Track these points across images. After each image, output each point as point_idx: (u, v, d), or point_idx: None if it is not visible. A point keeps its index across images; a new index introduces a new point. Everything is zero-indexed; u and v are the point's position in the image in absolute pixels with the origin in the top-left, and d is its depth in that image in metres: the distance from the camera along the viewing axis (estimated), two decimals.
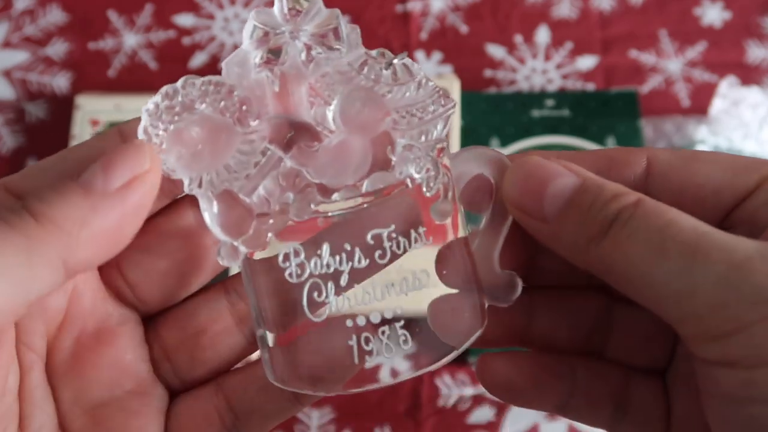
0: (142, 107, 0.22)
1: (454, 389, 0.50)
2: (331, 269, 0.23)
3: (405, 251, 0.23)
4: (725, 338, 0.19)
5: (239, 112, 0.22)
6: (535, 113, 0.55)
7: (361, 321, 0.23)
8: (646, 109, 0.57)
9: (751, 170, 0.22)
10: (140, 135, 0.22)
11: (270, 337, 0.23)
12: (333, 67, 0.23)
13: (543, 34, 0.61)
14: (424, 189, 0.23)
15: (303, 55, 0.23)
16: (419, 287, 0.23)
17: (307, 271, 0.22)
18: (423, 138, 0.23)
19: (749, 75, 0.59)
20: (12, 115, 0.59)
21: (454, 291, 0.24)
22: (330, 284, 0.23)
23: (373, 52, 0.23)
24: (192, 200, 0.24)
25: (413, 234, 0.23)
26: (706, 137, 0.53)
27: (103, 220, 0.20)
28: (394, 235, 0.23)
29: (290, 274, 0.22)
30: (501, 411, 0.49)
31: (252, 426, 0.25)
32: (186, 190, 0.22)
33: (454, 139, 0.53)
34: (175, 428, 0.24)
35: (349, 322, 0.23)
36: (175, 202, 0.24)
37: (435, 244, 0.24)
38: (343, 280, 0.23)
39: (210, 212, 0.22)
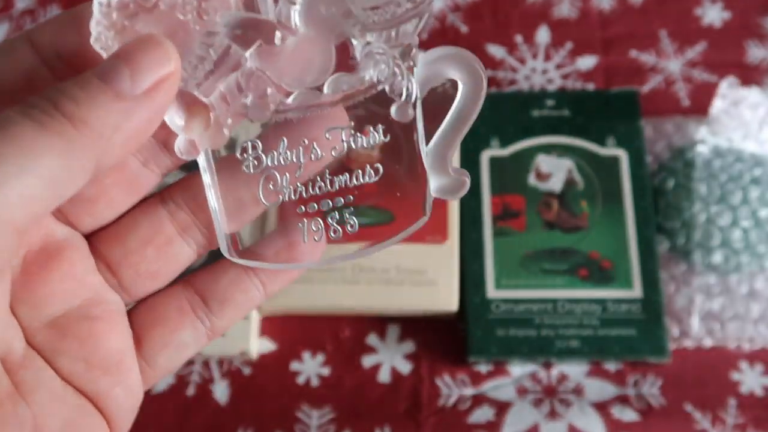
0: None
1: (454, 389, 0.50)
2: (287, 162, 0.24)
3: (362, 147, 0.24)
4: None
5: (199, 8, 0.22)
6: (535, 113, 0.55)
7: (312, 208, 0.25)
8: (646, 109, 0.57)
9: None
10: (92, 32, 0.22)
11: (226, 222, 0.25)
12: None
13: (543, 34, 0.61)
14: (388, 91, 0.24)
15: None
16: (371, 180, 0.25)
17: (264, 163, 0.24)
18: (392, 37, 0.23)
19: (749, 75, 0.59)
20: None
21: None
22: (286, 175, 0.24)
23: None
24: None
25: (371, 131, 0.24)
26: (706, 137, 0.53)
27: (133, 123, 0.21)
28: (351, 132, 0.24)
29: (247, 166, 0.24)
30: (501, 411, 0.49)
31: (224, 315, 0.26)
32: None
33: None
34: (144, 324, 0.25)
35: (300, 208, 0.25)
36: None
37: (392, 142, 0.25)
38: (299, 172, 0.24)
39: (169, 114, 0.23)
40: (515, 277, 0.51)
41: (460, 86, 0.25)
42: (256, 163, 0.24)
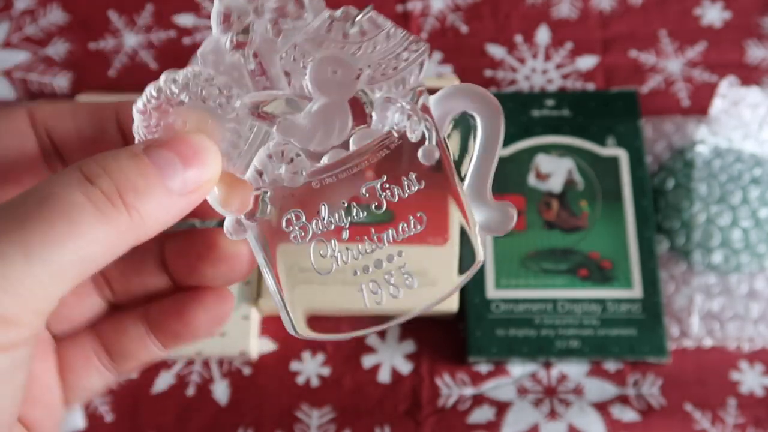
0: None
1: (454, 389, 0.50)
2: (332, 226, 0.25)
3: (400, 198, 0.25)
4: None
5: (221, 97, 0.24)
6: (535, 113, 0.55)
7: (366, 269, 0.25)
8: (646, 109, 0.57)
9: None
10: (135, 135, 0.24)
11: (285, 298, 0.26)
12: (301, 36, 0.24)
13: (543, 34, 0.61)
14: (409, 135, 0.25)
15: (270, 30, 0.24)
16: (417, 230, 0.25)
17: (310, 232, 0.25)
18: (400, 87, 0.25)
19: (749, 75, 0.59)
20: None
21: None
22: (333, 240, 0.25)
23: (337, 12, 0.25)
24: None
25: (405, 181, 0.25)
26: (705, 137, 0.53)
27: (171, 215, 0.23)
28: (387, 185, 0.25)
29: (294, 237, 0.25)
30: (501, 411, 0.49)
31: (126, 367, 0.27)
32: None
33: None
34: (62, 368, 0.27)
35: (355, 272, 0.25)
36: None
37: (428, 187, 0.26)
38: (345, 235, 0.25)
39: (211, 194, 0.24)
40: (515, 277, 0.51)
41: (478, 119, 0.26)
42: (302, 233, 0.25)
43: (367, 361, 0.51)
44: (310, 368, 0.51)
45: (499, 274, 0.51)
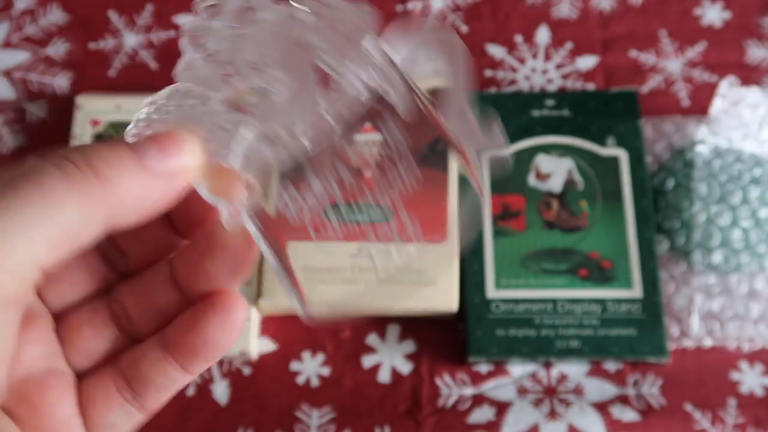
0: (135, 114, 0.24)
1: (454, 389, 0.50)
2: (323, 194, 0.25)
3: (387, 155, 0.25)
4: None
5: (198, 103, 0.24)
6: (535, 113, 0.55)
7: (360, 250, 0.25)
8: (646, 109, 0.57)
9: None
10: (129, 139, 0.24)
11: (292, 283, 0.26)
12: (259, 33, 0.24)
13: (543, 34, 0.61)
14: (382, 93, 0.25)
15: (229, 36, 0.24)
16: (410, 183, 0.25)
17: (305, 207, 0.25)
18: (354, 50, 0.24)
19: (749, 75, 0.59)
20: (12, 115, 0.59)
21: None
22: (327, 205, 0.25)
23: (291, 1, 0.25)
24: None
25: (386, 135, 0.25)
26: (705, 137, 0.53)
27: (148, 195, 0.23)
28: (370, 143, 0.25)
29: (291, 215, 0.25)
30: (501, 411, 0.49)
31: (149, 396, 0.26)
32: None
33: None
34: (84, 404, 0.26)
35: (351, 248, 0.25)
36: None
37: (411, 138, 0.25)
38: (338, 198, 0.25)
39: (202, 187, 0.24)
40: (515, 277, 0.51)
41: (445, 63, 0.26)
42: (297, 209, 0.25)
43: (367, 361, 0.51)
44: (310, 368, 0.51)
45: (499, 274, 0.51)
